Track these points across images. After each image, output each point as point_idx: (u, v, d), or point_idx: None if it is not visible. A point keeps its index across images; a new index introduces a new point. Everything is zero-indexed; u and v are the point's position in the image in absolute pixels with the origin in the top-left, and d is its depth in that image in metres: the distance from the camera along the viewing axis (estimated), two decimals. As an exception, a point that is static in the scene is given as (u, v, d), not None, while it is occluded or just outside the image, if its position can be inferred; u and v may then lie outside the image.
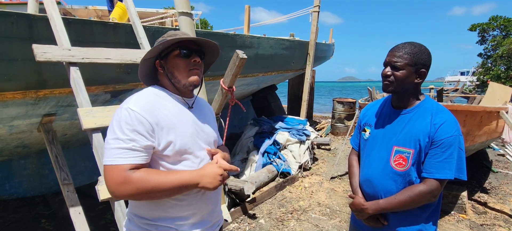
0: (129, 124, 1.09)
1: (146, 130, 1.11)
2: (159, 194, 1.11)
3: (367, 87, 5.96)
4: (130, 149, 1.08)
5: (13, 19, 2.22)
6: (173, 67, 1.25)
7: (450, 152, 1.31)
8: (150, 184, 1.08)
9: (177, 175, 1.13)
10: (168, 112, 1.20)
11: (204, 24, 21.17)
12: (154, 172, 1.12)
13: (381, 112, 1.57)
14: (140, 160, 1.10)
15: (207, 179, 1.16)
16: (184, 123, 1.24)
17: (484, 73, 16.12)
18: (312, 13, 6.77)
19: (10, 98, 2.38)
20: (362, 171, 1.60)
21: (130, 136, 1.08)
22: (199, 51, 1.29)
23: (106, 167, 1.09)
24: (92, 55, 2.43)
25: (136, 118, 1.10)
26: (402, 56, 1.36)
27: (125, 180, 1.06)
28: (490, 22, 16.29)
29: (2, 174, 3.76)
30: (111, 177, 1.08)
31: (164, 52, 1.26)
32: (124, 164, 1.07)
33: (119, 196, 1.09)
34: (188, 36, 1.25)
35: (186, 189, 1.15)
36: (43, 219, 3.62)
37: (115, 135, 1.10)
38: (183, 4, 3.10)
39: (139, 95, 1.19)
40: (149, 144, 1.12)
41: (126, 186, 1.06)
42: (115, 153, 1.08)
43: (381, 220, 1.48)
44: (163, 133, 1.15)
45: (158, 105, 1.18)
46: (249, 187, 3.77)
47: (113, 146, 1.09)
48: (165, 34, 1.27)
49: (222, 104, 3.21)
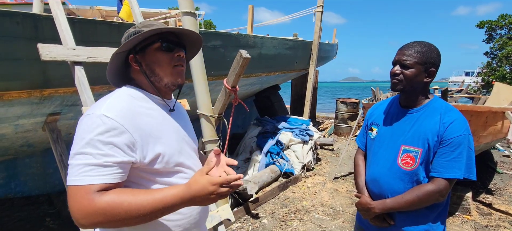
0: (102, 134, 0.87)
1: (126, 143, 0.89)
2: (135, 220, 0.87)
3: (371, 88, 5.94)
4: (100, 165, 0.86)
5: (18, 19, 2.24)
6: (153, 63, 1.05)
7: (459, 151, 1.30)
8: (122, 209, 0.85)
9: (158, 195, 0.89)
10: (150, 119, 1.00)
11: (208, 25, 21.15)
12: (128, 193, 0.88)
13: (388, 111, 1.56)
14: (112, 178, 0.88)
15: (197, 199, 0.91)
16: (168, 130, 1.06)
17: (489, 74, 15.98)
18: (315, 13, 6.76)
19: (15, 98, 2.40)
20: (369, 170, 1.59)
21: (103, 150, 0.86)
22: (180, 44, 1.10)
23: (69, 188, 0.86)
24: (96, 55, 2.44)
25: (113, 127, 0.88)
26: (412, 54, 1.36)
27: (90, 204, 0.83)
28: (499, 20, 16.13)
29: (8, 172, 3.79)
30: (74, 201, 0.84)
31: (139, 46, 1.05)
32: (90, 184, 0.84)
33: (85, 225, 0.85)
34: (169, 27, 1.04)
35: (170, 210, 0.92)
36: (47, 218, 3.64)
37: (81, 148, 0.86)
38: (187, 4, 3.11)
39: (113, 98, 0.97)
40: (127, 160, 0.90)
41: (92, 212, 0.84)
42: (80, 171, 0.85)
43: (388, 220, 1.47)
44: (148, 143, 0.95)
45: (137, 111, 0.98)
46: (252, 187, 3.77)
47: (78, 161, 0.86)
48: (139, 24, 1.08)
49: (226, 104, 3.21)
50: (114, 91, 1.04)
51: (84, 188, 0.84)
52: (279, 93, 7.87)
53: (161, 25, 1.07)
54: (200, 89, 3.24)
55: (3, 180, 3.78)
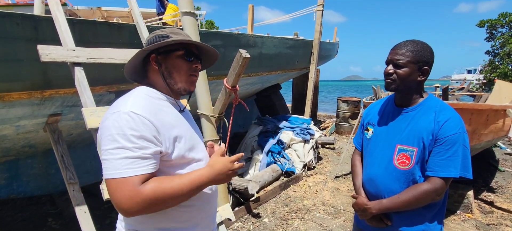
0: (134, 129, 0.96)
1: (154, 135, 0.99)
2: (174, 201, 1.01)
3: (372, 86, 5.92)
4: (139, 157, 0.95)
5: (18, 20, 2.25)
6: (173, 68, 1.16)
7: (454, 150, 1.30)
8: (165, 194, 0.97)
9: (190, 177, 1.04)
10: (168, 114, 1.11)
11: (210, 25, 21.11)
12: (166, 179, 1.01)
13: (384, 111, 1.56)
14: (151, 168, 0.98)
15: (220, 176, 1.09)
16: (184, 126, 1.17)
17: (491, 71, 15.88)
18: (316, 12, 6.75)
19: (16, 99, 2.41)
20: (365, 170, 1.59)
21: (138, 143, 0.96)
22: (198, 57, 1.22)
23: (111, 181, 0.95)
24: (96, 56, 2.45)
25: (141, 122, 0.97)
26: (404, 54, 1.35)
27: (138, 194, 0.93)
28: (499, 19, 16.02)
29: (10, 173, 3.81)
30: (122, 193, 0.93)
31: (163, 49, 1.15)
32: (134, 175, 0.94)
33: (133, 213, 0.95)
34: (195, 41, 1.18)
35: (201, 189, 1.07)
36: (49, 218, 3.67)
37: (118, 143, 0.95)
38: (187, 4, 3.11)
39: (134, 97, 1.07)
40: (158, 150, 1.01)
41: (140, 201, 0.93)
42: (122, 164, 0.94)
43: (385, 220, 1.47)
44: (169, 136, 1.06)
45: (157, 107, 1.09)
46: (253, 186, 3.77)
47: (117, 156, 0.94)
48: (166, 30, 1.20)
49: (226, 103, 3.22)
50: (131, 91, 1.12)
51: (129, 180, 0.94)
52: (280, 92, 7.87)
53: (188, 36, 1.19)
54: (201, 89, 3.24)
55: (6, 180, 3.80)
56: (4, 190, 3.81)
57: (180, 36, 1.16)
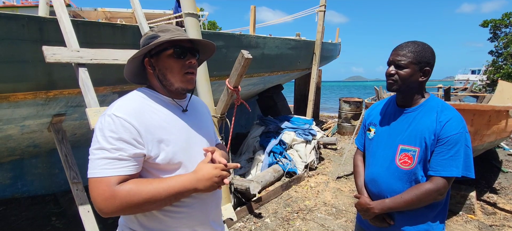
0: (113, 131, 0.98)
1: (133, 137, 0.99)
2: (151, 206, 1.01)
3: (374, 87, 5.92)
4: (116, 158, 0.97)
5: (24, 21, 2.28)
6: (165, 69, 1.12)
7: (456, 149, 1.31)
8: (141, 197, 0.97)
9: (170, 182, 1.01)
10: (158, 118, 1.08)
11: (212, 26, 21.12)
12: (144, 182, 1.00)
13: (386, 111, 1.57)
14: (128, 170, 0.99)
15: (203, 182, 1.05)
16: (176, 129, 1.12)
17: (495, 72, 15.78)
18: (318, 12, 6.76)
19: (21, 99, 2.44)
20: (367, 170, 1.60)
21: (116, 144, 0.97)
22: (193, 50, 1.15)
23: (91, 180, 0.97)
24: (100, 56, 2.47)
25: (121, 125, 0.98)
26: (406, 54, 1.37)
27: (113, 194, 0.95)
28: (503, 19, 15.92)
29: (15, 172, 3.85)
30: (97, 192, 0.95)
31: (154, 50, 1.11)
32: (110, 175, 0.96)
33: (107, 213, 0.96)
34: (183, 36, 1.11)
35: (181, 196, 1.05)
36: (53, 217, 3.70)
37: (98, 144, 0.98)
38: (189, 5, 3.14)
39: (124, 99, 1.07)
40: (138, 152, 1.00)
41: (114, 201, 0.95)
42: (99, 164, 0.96)
43: (387, 220, 1.48)
44: (153, 139, 1.03)
45: (146, 110, 1.07)
46: (255, 187, 3.79)
47: (97, 156, 0.97)
48: (155, 28, 1.14)
49: (228, 104, 3.23)
50: (129, 93, 1.13)
51: (105, 179, 0.96)
52: (282, 93, 7.88)
53: (177, 31, 1.12)
54: (203, 89, 3.26)
55: (10, 180, 3.84)
56: (8, 189, 3.85)
57: (168, 33, 1.10)
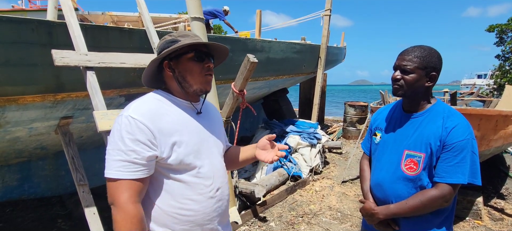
0: (130, 133, 1.03)
1: (148, 138, 1.04)
2: None
3: (380, 91, 5.89)
4: (131, 162, 1.02)
5: (33, 26, 2.32)
6: (185, 71, 1.17)
7: (462, 156, 1.29)
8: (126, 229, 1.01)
9: None
10: (172, 119, 1.13)
11: (218, 30, 21.24)
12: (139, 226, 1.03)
13: (392, 116, 1.56)
14: (141, 174, 1.05)
15: None
16: (189, 131, 1.17)
17: (501, 76, 15.61)
18: (323, 17, 6.76)
19: (30, 102, 2.48)
20: (373, 175, 1.59)
21: (131, 146, 1.02)
22: (209, 55, 1.23)
23: (110, 179, 1.04)
24: (107, 60, 2.50)
25: (136, 126, 1.03)
26: (412, 59, 1.35)
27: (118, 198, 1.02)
28: (509, 23, 15.78)
29: (22, 174, 3.90)
30: (110, 191, 1.03)
31: (174, 53, 1.17)
32: (124, 179, 1.02)
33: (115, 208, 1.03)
34: (202, 41, 1.18)
35: None
36: (59, 219, 3.73)
37: (115, 145, 1.04)
38: (196, 9, 3.16)
39: (140, 101, 1.13)
40: (152, 155, 1.06)
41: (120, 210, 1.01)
42: (115, 166, 1.02)
43: (392, 225, 1.47)
44: (166, 141, 1.09)
45: (161, 112, 1.12)
46: (260, 190, 3.78)
47: (113, 157, 1.03)
48: (174, 33, 1.21)
49: (233, 107, 3.25)
50: (145, 95, 1.18)
51: (119, 182, 1.02)
52: (287, 96, 7.88)
53: (196, 37, 1.19)
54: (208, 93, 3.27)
55: (17, 181, 3.88)
56: (16, 190, 3.89)
57: (188, 38, 1.17)
